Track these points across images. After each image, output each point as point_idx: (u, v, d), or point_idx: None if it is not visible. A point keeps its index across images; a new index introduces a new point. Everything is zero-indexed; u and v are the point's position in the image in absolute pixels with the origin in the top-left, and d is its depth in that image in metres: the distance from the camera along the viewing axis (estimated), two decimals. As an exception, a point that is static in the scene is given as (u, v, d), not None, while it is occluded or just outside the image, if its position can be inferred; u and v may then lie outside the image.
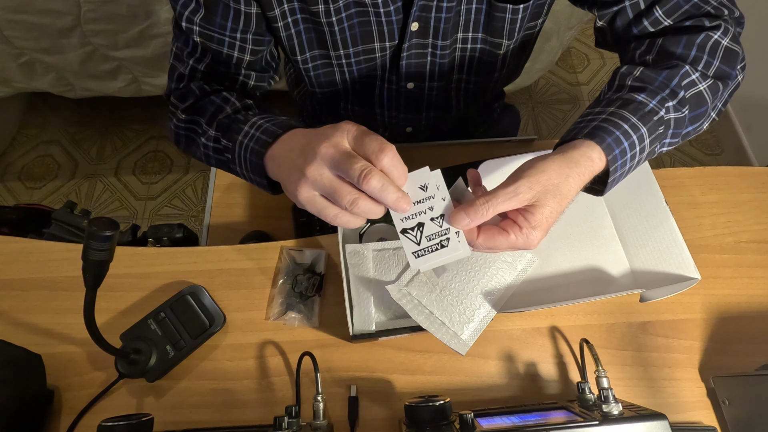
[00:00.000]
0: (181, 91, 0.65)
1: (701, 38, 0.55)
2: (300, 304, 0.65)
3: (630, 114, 0.51)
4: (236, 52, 0.64)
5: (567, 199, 0.47)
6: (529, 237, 0.45)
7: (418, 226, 0.46)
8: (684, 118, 0.54)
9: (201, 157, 0.65)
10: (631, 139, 0.50)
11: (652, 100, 0.52)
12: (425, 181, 0.46)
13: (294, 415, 0.52)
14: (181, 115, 0.65)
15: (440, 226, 0.45)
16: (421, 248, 0.45)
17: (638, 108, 0.51)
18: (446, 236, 0.45)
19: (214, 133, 0.61)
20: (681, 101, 0.53)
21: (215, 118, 0.61)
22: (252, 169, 0.55)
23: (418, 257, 0.45)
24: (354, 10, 0.62)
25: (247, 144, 0.55)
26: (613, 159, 0.49)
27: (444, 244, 0.45)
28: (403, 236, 0.46)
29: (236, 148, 0.56)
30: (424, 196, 0.46)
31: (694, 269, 0.58)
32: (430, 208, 0.46)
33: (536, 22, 0.70)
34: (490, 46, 0.70)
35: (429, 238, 0.46)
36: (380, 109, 0.81)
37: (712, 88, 0.55)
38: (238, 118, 0.59)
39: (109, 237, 0.49)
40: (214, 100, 0.63)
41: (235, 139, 0.56)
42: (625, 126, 0.50)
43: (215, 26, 0.60)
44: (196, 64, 0.65)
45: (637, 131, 0.50)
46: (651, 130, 0.51)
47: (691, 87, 0.54)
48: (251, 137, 0.54)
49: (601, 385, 0.55)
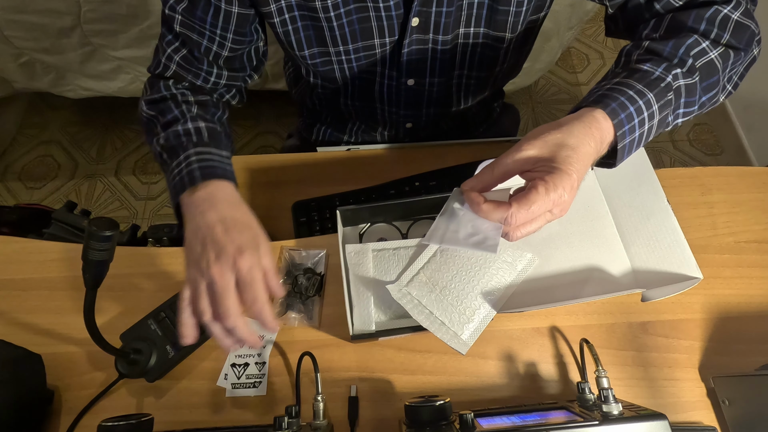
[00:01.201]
0: (153, 79, 0.68)
1: (711, 12, 0.55)
2: (300, 304, 0.65)
3: (635, 82, 0.50)
4: (215, 47, 0.65)
5: (578, 152, 0.45)
6: (557, 180, 0.43)
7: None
8: (695, 86, 0.53)
9: (153, 151, 0.67)
10: (637, 104, 0.49)
11: (657, 68, 0.52)
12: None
13: (294, 415, 0.52)
14: (143, 105, 0.68)
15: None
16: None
17: (643, 76, 0.51)
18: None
19: (163, 141, 0.63)
20: (690, 69, 0.53)
21: (166, 129, 0.63)
22: (172, 196, 0.59)
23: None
24: (353, 6, 0.62)
25: (174, 176, 0.58)
26: (619, 124, 0.48)
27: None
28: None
29: (168, 174, 0.61)
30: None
31: (696, 269, 0.57)
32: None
33: (538, 15, 0.69)
34: (491, 40, 0.69)
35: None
36: (380, 105, 0.81)
37: (723, 55, 0.55)
38: (181, 142, 0.62)
39: (109, 237, 0.49)
40: (172, 108, 0.65)
41: (170, 163, 0.60)
42: (630, 92, 0.49)
43: (196, 18, 0.62)
44: (173, 54, 0.66)
45: (642, 97, 0.49)
46: (658, 96, 0.50)
47: (701, 56, 0.54)
48: (179, 172, 0.58)
49: (601, 385, 0.55)
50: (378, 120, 0.85)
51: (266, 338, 0.64)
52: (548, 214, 0.46)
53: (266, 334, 0.64)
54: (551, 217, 0.46)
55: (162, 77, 0.68)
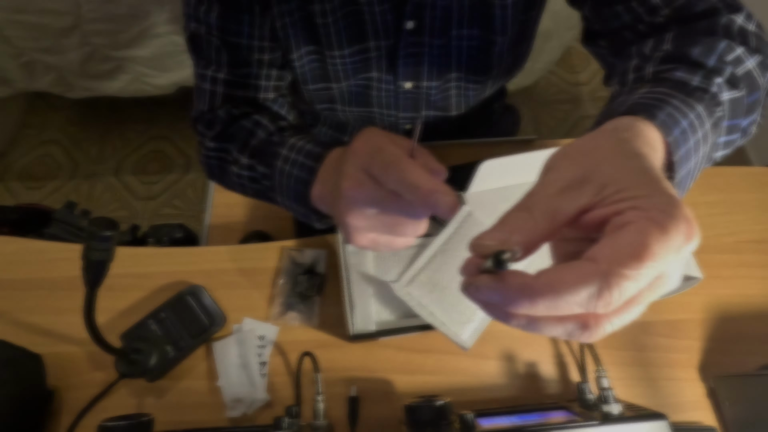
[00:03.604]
0: (207, 117, 0.62)
1: (724, 20, 0.43)
2: (300, 304, 0.65)
3: (671, 90, 0.35)
4: (256, 47, 0.61)
5: (637, 158, 0.27)
6: (670, 212, 0.23)
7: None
8: (741, 101, 0.39)
9: (236, 188, 0.61)
10: (689, 119, 0.32)
11: (693, 76, 0.37)
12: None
13: (294, 415, 0.52)
14: (209, 143, 0.61)
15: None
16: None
17: (678, 86, 0.36)
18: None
19: (247, 161, 0.56)
20: (731, 79, 0.39)
21: (248, 145, 0.57)
22: (296, 197, 0.50)
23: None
24: (348, 9, 0.62)
25: (288, 171, 0.50)
26: (674, 143, 0.31)
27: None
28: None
29: (276, 176, 0.51)
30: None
31: (697, 268, 0.58)
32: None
33: (530, 14, 0.68)
34: (484, 42, 0.69)
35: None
36: (378, 109, 0.81)
37: (762, 66, 0.42)
38: (272, 140, 0.54)
39: (109, 237, 0.49)
40: (244, 124, 0.58)
41: (273, 166, 0.52)
42: (675, 102, 0.33)
43: (231, 21, 0.58)
44: (216, 73, 0.60)
45: (692, 109, 0.33)
46: (708, 110, 0.35)
47: (739, 64, 0.40)
48: (292, 162, 0.50)
49: (601, 385, 0.55)
50: (376, 124, 0.85)
51: (266, 338, 0.64)
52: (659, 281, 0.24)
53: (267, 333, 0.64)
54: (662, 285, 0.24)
55: (213, 109, 0.61)
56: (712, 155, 0.37)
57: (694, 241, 0.23)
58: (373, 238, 0.42)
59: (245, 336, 0.62)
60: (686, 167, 0.32)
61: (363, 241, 0.42)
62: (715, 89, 0.37)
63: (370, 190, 0.39)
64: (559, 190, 0.26)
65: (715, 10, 0.45)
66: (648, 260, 0.22)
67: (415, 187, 0.36)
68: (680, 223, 0.23)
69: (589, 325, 0.24)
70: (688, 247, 0.23)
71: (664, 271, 0.23)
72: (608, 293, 0.22)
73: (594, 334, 0.24)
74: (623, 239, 0.23)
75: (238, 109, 0.61)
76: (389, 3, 0.61)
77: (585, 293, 0.22)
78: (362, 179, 0.40)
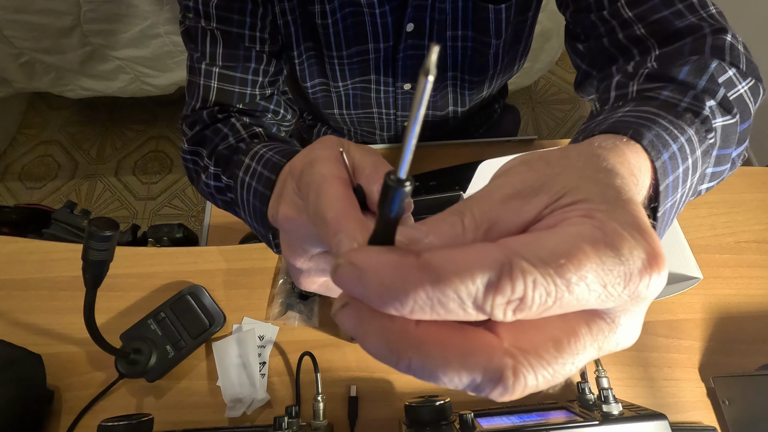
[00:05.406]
0: (192, 118, 0.57)
1: (714, 39, 0.40)
2: (300, 304, 0.65)
3: (659, 110, 0.31)
4: (255, 38, 0.58)
5: (615, 176, 0.21)
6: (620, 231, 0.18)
7: None
8: (734, 128, 0.36)
9: (208, 197, 0.55)
10: (679, 142, 0.29)
11: (682, 97, 0.34)
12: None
13: (294, 415, 0.52)
14: (185, 146, 0.57)
15: None
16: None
17: (665, 106, 0.32)
18: None
19: (213, 169, 0.50)
20: (724, 103, 0.36)
21: (215, 151, 0.51)
22: (255, 215, 0.41)
23: None
24: (348, 10, 0.62)
25: (248, 183, 0.41)
26: (662, 169, 0.26)
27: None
28: None
29: (237, 188, 0.42)
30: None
31: (696, 268, 0.58)
32: None
33: (526, 15, 0.68)
34: (480, 44, 0.69)
35: None
36: (378, 110, 0.81)
37: (753, 90, 0.39)
38: (239, 147, 0.47)
39: (109, 237, 0.49)
40: (220, 128, 0.53)
41: (236, 176, 0.43)
42: (664, 122, 0.29)
43: (231, 10, 0.56)
44: (211, 66, 0.57)
45: (683, 132, 0.30)
46: (699, 135, 0.31)
47: (732, 87, 0.37)
48: (252, 173, 0.41)
49: (601, 385, 0.55)
50: (376, 125, 0.85)
51: (266, 338, 0.64)
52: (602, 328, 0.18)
53: (267, 333, 0.64)
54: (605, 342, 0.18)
55: (202, 107, 0.57)
56: (697, 188, 0.32)
57: (655, 275, 0.17)
58: (324, 283, 0.32)
59: (245, 336, 0.62)
60: (672, 199, 0.27)
61: (311, 286, 0.32)
62: (707, 112, 0.33)
63: (306, 220, 0.29)
64: (504, 198, 0.20)
65: (699, 27, 0.42)
66: (575, 270, 0.16)
67: (322, 220, 0.25)
68: (638, 247, 0.17)
69: (505, 375, 0.16)
70: (645, 282, 0.17)
71: (607, 307, 0.17)
72: (509, 283, 0.16)
73: (511, 389, 0.16)
74: (550, 236, 0.17)
75: (225, 112, 0.57)
76: (390, 6, 0.61)
77: (479, 280, 0.16)
78: (299, 205, 0.29)
